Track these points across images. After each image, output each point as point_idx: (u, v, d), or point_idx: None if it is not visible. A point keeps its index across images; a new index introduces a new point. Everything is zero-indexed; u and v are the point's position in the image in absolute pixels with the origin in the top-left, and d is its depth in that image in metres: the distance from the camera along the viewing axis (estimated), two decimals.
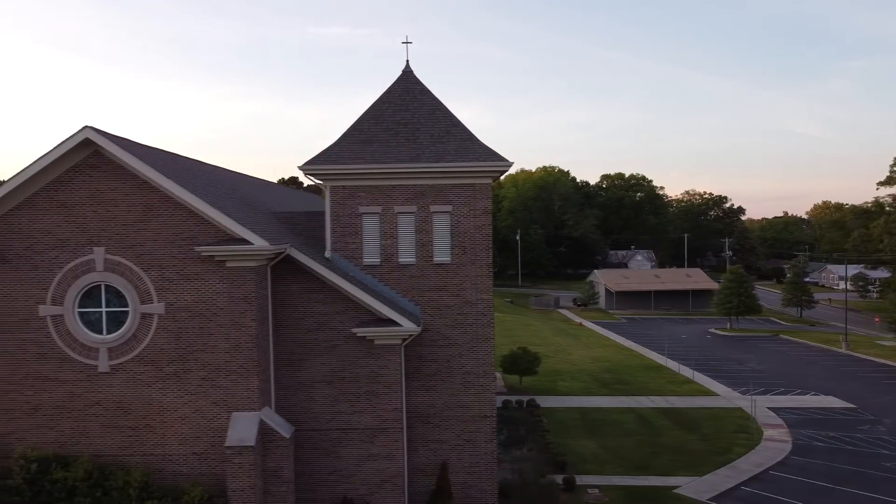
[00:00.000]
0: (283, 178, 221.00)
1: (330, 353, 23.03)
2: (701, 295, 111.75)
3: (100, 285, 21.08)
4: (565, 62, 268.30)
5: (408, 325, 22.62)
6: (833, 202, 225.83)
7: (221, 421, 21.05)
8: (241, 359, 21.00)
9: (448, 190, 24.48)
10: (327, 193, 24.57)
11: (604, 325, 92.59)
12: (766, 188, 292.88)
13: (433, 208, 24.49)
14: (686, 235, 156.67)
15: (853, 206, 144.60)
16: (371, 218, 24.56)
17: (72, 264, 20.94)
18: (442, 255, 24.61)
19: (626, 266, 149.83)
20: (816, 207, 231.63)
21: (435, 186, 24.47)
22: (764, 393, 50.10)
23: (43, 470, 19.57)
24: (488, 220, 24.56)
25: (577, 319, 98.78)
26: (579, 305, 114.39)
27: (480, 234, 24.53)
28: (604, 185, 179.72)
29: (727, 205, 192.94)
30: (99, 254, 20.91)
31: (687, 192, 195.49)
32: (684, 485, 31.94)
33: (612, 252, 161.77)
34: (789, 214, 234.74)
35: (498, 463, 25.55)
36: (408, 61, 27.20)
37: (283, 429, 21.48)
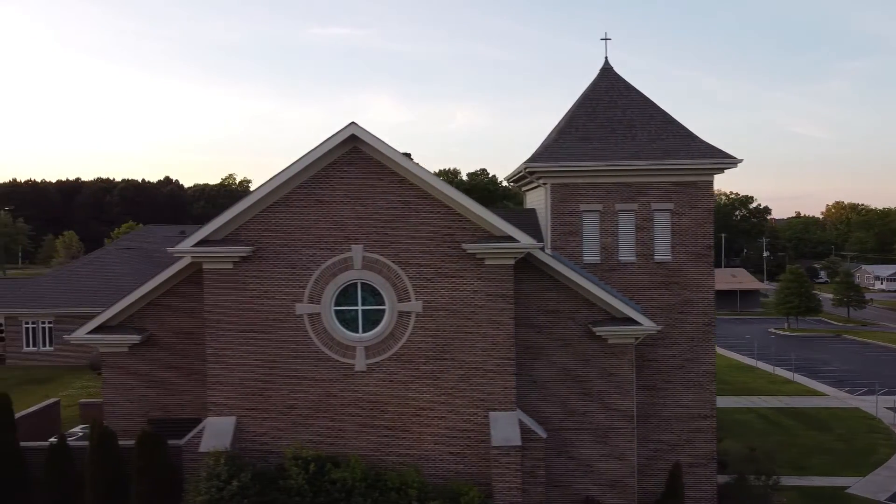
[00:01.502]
0: None
1: (562, 352, 22.79)
2: (748, 295, 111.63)
3: (356, 283, 20.85)
4: (565, 62, 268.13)
5: (647, 324, 22.40)
6: (847, 202, 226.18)
7: (478, 420, 20.84)
8: (499, 357, 20.80)
9: (669, 187, 24.28)
10: (547, 191, 24.35)
11: None
12: (771, 188, 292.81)
13: (654, 206, 24.28)
14: (724, 235, 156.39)
15: (887, 208, 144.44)
16: (591, 216, 24.37)
17: (329, 262, 20.73)
18: (662, 254, 24.41)
19: None
20: (830, 208, 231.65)
21: (655, 184, 24.27)
22: (868, 393, 49.90)
23: (319, 470, 19.33)
24: (710, 218, 24.36)
25: None
26: None
27: (701, 232, 24.33)
28: None
29: (753, 205, 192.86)
30: (357, 251, 20.69)
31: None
32: (852, 485, 31.72)
33: None
34: (802, 215, 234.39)
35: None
36: (606, 58, 27.01)
37: (538, 428, 21.27)
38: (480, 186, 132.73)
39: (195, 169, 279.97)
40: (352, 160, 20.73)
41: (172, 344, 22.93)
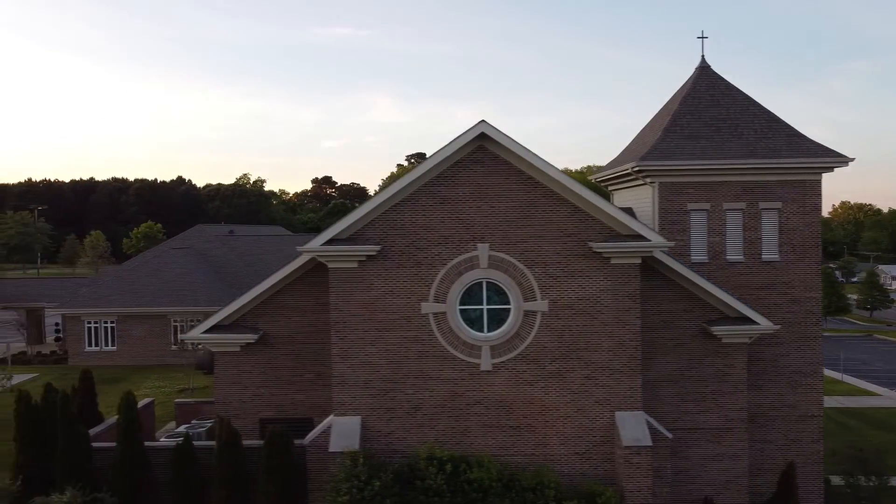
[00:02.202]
0: (315, 178, 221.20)
1: (676, 352, 22.69)
2: None
3: (481, 282, 20.75)
4: (566, 62, 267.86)
5: (765, 324, 22.30)
6: (854, 203, 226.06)
7: (603, 420, 20.74)
8: (625, 357, 20.70)
9: (777, 186, 24.17)
10: (655, 190, 24.25)
11: None
12: None
13: (762, 205, 24.17)
14: None
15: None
16: (699, 215, 24.25)
17: (455, 261, 20.62)
18: (770, 253, 24.30)
19: None
20: (837, 208, 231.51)
21: (763, 182, 24.16)
22: None
23: (454, 470, 19.23)
24: (817, 218, 24.26)
25: None
26: None
27: (809, 231, 24.22)
28: None
29: None
30: (483, 250, 20.58)
31: None
32: None
33: None
34: None
35: None
36: (703, 56, 26.89)
37: (662, 428, 21.16)
38: None
39: (195, 169, 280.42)
40: (478, 159, 20.62)
41: (284, 343, 22.84)
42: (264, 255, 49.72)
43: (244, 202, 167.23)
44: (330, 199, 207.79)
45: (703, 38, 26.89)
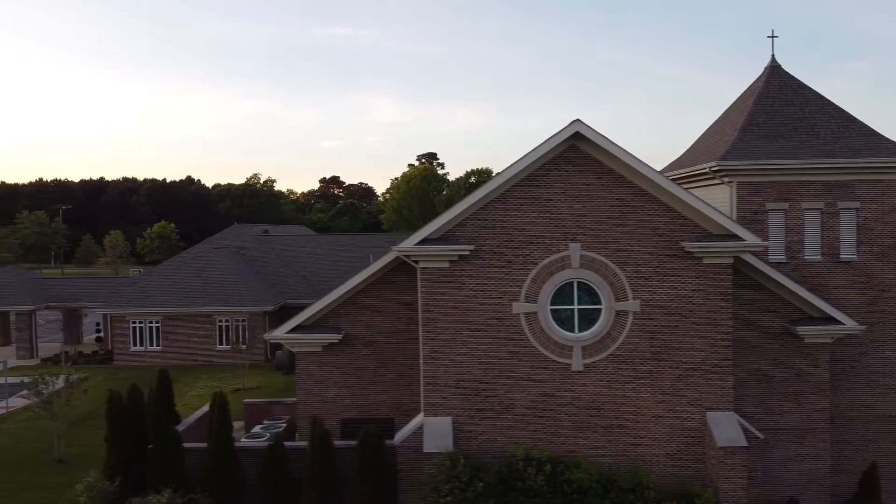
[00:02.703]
0: (323, 178, 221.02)
1: (759, 352, 22.61)
2: None
3: (572, 282, 20.67)
4: (566, 62, 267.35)
5: (850, 324, 22.23)
6: None
7: (695, 421, 20.66)
8: (717, 357, 20.63)
9: (855, 186, 24.07)
10: (733, 190, 24.14)
11: None
12: None
13: (840, 205, 24.07)
14: None
15: None
16: (777, 214, 24.14)
17: (546, 261, 20.55)
18: (848, 253, 24.19)
19: None
20: None
21: (841, 182, 24.06)
22: None
23: (553, 471, 19.15)
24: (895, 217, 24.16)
25: None
26: None
27: (888, 230, 24.12)
28: None
29: None
30: (575, 250, 20.51)
31: None
32: None
33: None
34: None
35: None
36: (774, 56, 26.78)
37: (752, 428, 21.08)
38: None
39: (195, 168, 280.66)
40: (570, 158, 20.55)
41: (366, 343, 22.79)
42: (301, 255, 49.60)
43: (255, 202, 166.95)
44: (337, 198, 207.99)
45: (773, 37, 26.79)
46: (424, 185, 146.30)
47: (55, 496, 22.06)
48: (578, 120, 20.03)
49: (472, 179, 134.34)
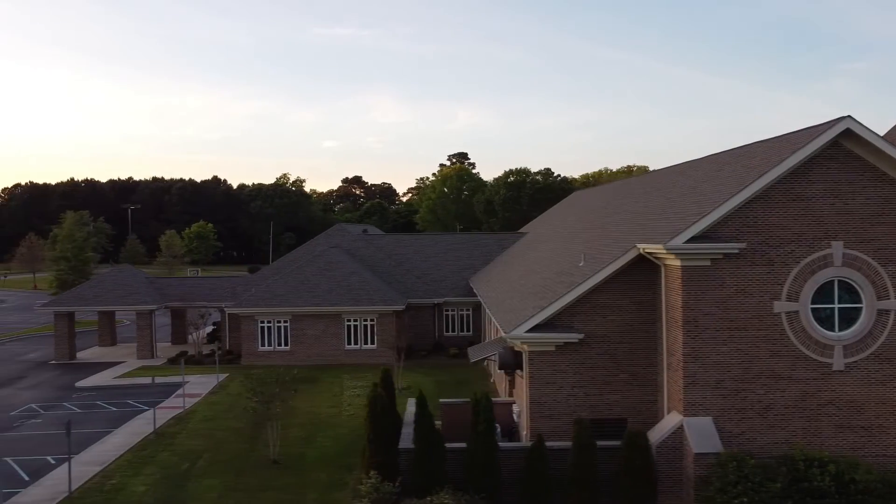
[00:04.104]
0: (346, 178, 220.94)
1: None
2: None
3: (832, 281, 20.44)
4: (567, 62, 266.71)
5: None
6: None
7: None
8: None
9: None
10: None
11: None
12: None
13: None
14: None
15: None
16: None
17: (808, 259, 20.30)
18: None
19: None
20: None
21: None
22: None
23: (837, 471, 18.89)
24: None
25: None
26: None
27: None
28: None
29: None
30: (837, 248, 20.27)
31: None
32: None
33: None
34: None
35: None
36: None
37: None
38: (555, 185, 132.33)
39: (193, 169, 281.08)
40: (831, 155, 20.30)
41: (599, 343, 22.54)
42: (409, 255, 49.29)
43: (285, 202, 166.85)
44: (357, 198, 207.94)
45: None
46: (460, 185, 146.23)
47: (295, 497, 21.83)
48: (849, 116, 19.79)
49: (511, 179, 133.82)
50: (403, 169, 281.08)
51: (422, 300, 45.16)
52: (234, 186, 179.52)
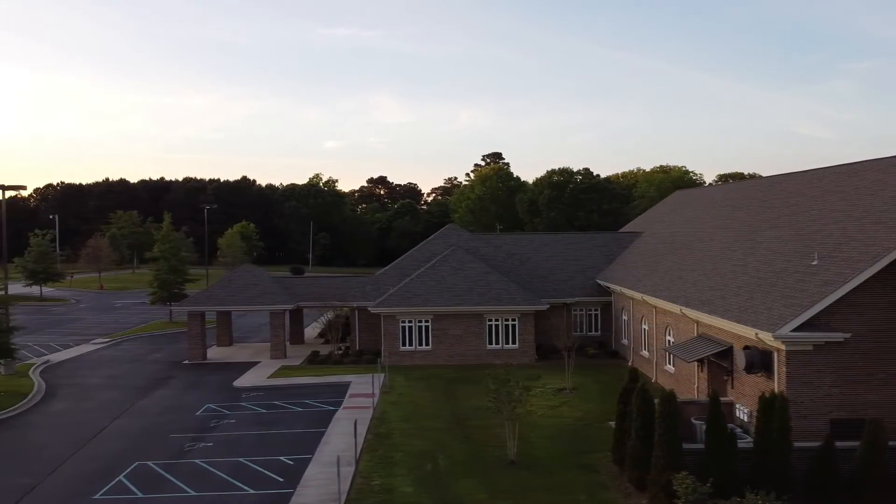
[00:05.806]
0: (371, 178, 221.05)
1: None
2: None
3: None
4: (567, 62, 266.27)
5: None
6: None
7: None
8: None
9: None
10: None
11: None
12: None
13: None
14: None
15: None
16: None
17: None
18: None
19: None
20: None
21: None
22: None
23: None
24: None
25: None
26: None
27: None
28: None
29: None
30: None
31: None
32: None
33: None
34: None
35: None
36: None
37: None
38: (599, 186, 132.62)
39: (195, 168, 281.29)
40: None
41: (858, 342, 22.82)
42: (528, 255, 49.41)
43: (319, 202, 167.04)
44: (381, 198, 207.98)
45: None
46: (499, 185, 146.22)
47: (567, 499, 22.12)
48: None
49: (555, 179, 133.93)
50: (406, 169, 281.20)
51: (553, 300, 45.26)
52: (263, 186, 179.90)
